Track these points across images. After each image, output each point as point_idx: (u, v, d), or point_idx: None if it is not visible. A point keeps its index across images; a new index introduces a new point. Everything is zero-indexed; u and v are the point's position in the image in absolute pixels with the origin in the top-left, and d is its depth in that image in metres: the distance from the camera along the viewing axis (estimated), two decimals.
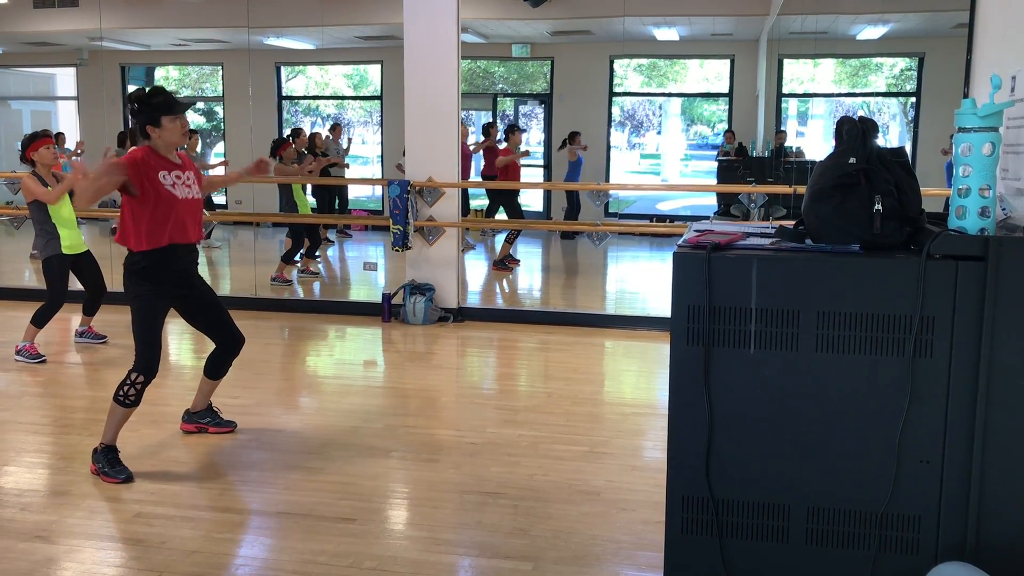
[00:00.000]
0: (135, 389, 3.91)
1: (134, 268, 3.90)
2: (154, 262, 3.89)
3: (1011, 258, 2.19)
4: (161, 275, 3.93)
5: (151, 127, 3.86)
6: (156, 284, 3.92)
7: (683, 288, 2.33)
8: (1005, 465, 2.23)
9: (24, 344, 5.97)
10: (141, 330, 3.92)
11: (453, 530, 3.46)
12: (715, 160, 13.07)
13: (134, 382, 3.91)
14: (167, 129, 3.87)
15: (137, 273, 3.90)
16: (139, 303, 3.92)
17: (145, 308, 3.92)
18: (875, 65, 12.87)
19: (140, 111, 3.87)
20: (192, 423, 4.48)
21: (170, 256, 3.93)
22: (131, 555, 3.20)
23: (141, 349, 3.91)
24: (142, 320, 3.91)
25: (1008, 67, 2.56)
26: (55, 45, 13.14)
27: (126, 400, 3.91)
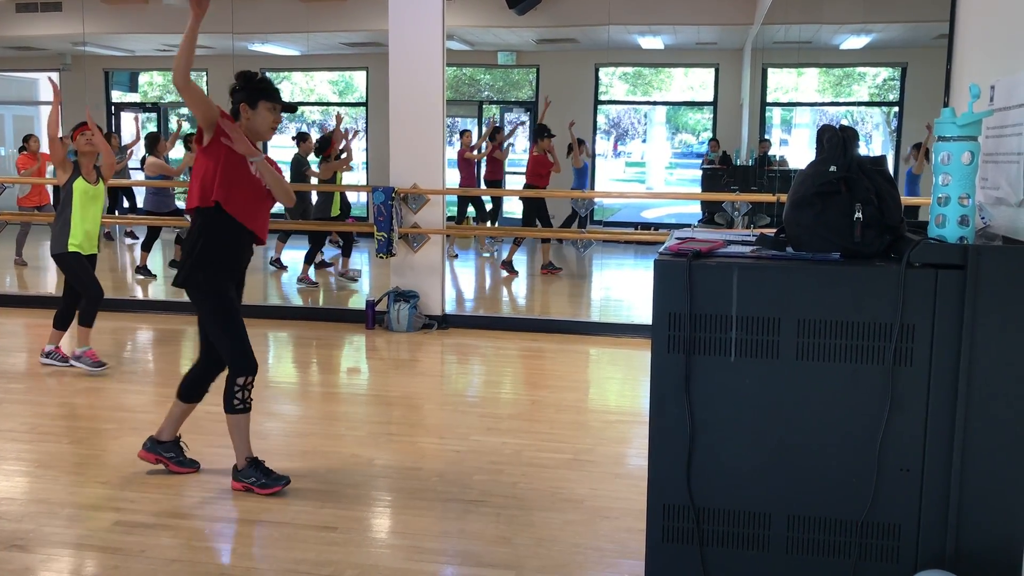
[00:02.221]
0: (246, 392, 3.74)
1: (199, 255, 3.65)
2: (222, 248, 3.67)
3: (990, 267, 2.20)
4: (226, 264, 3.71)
5: (246, 106, 3.69)
6: (217, 274, 3.68)
7: (664, 296, 2.33)
8: (984, 474, 2.24)
9: (83, 350, 5.73)
10: (224, 329, 3.70)
11: (436, 538, 3.45)
12: (700, 168, 13.12)
13: (243, 386, 3.71)
14: (261, 115, 3.68)
15: (206, 263, 3.66)
16: (217, 298, 3.68)
17: (223, 304, 3.68)
18: (858, 75, 12.96)
19: (241, 88, 3.72)
20: (153, 454, 4.02)
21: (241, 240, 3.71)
22: (110, 564, 3.16)
23: (233, 349, 3.70)
24: (221, 318, 3.70)
25: (987, 77, 2.57)
26: (38, 49, 13.07)
27: (243, 406, 3.75)
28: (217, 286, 3.69)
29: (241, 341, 3.71)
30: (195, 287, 3.69)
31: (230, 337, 3.70)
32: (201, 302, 3.72)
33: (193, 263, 3.68)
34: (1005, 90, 2.43)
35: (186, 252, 3.74)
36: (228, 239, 3.70)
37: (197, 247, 3.67)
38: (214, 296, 3.69)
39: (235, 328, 3.71)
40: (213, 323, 3.72)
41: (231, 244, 3.72)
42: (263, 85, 3.75)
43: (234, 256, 3.76)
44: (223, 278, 3.71)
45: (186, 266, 3.70)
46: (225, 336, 3.71)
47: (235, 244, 3.73)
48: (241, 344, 3.70)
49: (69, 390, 5.44)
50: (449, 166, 7.91)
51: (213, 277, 3.68)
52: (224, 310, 3.70)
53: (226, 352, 3.72)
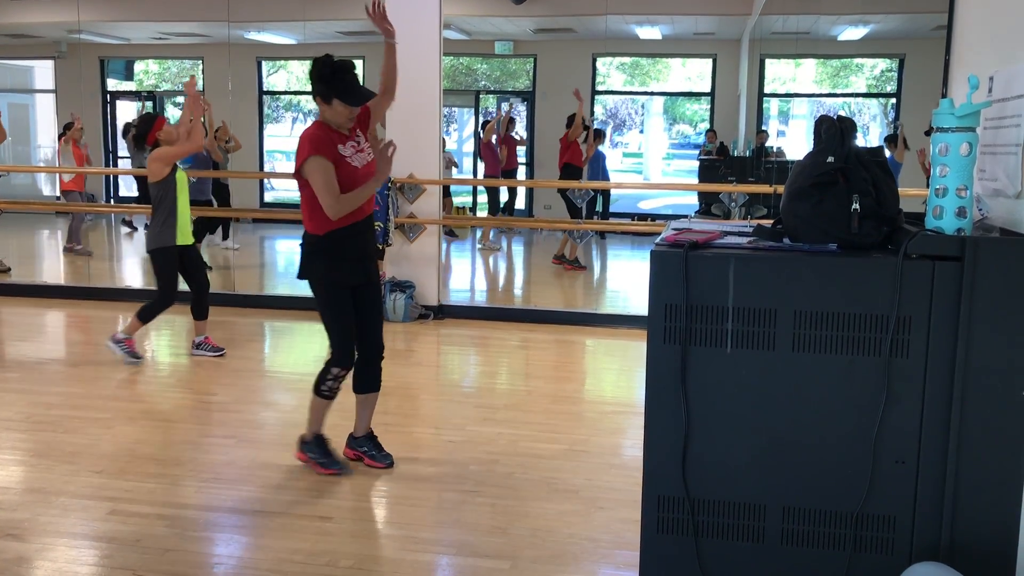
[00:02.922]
0: (337, 383, 3.83)
1: (313, 249, 3.72)
2: (335, 242, 3.71)
3: (987, 258, 2.19)
4: (341, 257, 3.74)
5: (321, 100, 3.66)
6: (337, 267, 3.73)
7: (660, 287, 2.32)
8: (980, 466, 2.24)
9: (123, 336, 5.71)
10: (331, 319, 3.78)
11: (431, 528, 3.45)
12: (697, 159, 13.11)
13: (336, 376, 3.81)
14: (336, 111, 3.65)
15: (316, 255, 3.72)
16: (324, 290, 3.76)
17: (330, 295, 3.76)
18: (856, 66, 12.95)
19: (322, 79, 3.65)
20: (352, 449, 4.09)
21: (351, 234, 3.74)
22: (105, 553, 3.16)
23: (336, 341, 3.79)
24: (329, 308, 3.78)
25: (986, 68, 2.56)
26: (33, 37, 13.00)
27: (329, 395, 3.85)
28: (333, 278, 3.75)
29: (348, 335, 3.79)
30: (313, 279, 3.77)
31: (339, 330, 3.79)
32: (316, 292, 3.81)
33: (311, 256, 3.74)
34: (1003, 81, 2.42)
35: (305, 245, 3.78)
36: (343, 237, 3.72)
37: (315, 243, 3.73)
38: (329, 288, 3.76)
39: (345, 322, 3.79)
40: (322, 313, 3.81)
41: (348, 237, 3.74)
42: (346, 82, 3.67)
43: (356, 245, 3.78)
44: (344, 270, 3.76)
45: (305, 257, 3.77)
46: (335, 328, 3.79)
47: (352, 236, 3.75)
48: (347, 338, 3.79)
49: (64, 379, 5.43)
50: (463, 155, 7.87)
51: (331, 269, 3.74)
52: (336, 303, 3.78)
53: (333, 343, 3.81)
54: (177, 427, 4.51)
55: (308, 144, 3.60)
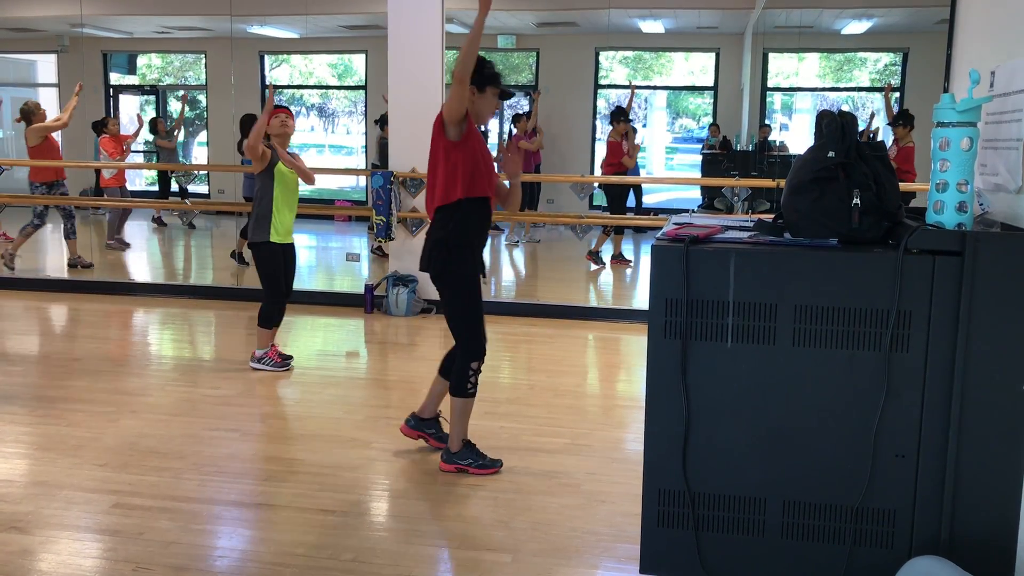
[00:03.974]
0: (477, 377, 3.84)
1: (450, 245, 3.74)
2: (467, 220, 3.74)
3: (988, 253, 2.20)
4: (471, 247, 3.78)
5: (475, 89, 3.74)
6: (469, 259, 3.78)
7: (661, 281, 2.33)
8: (979, 460, 2.24)
9: (262, 351, 5.52)
10: (467, 312, 3.79)
11: (433, 522, 3.46)
12: (700, 153, 13.08)
13: (476, 371, 3.82)
14: (486, 99, 3.77)
15: (453, 250, 3.74)
16: (465, 284, 3.78)
17: (467, 289, 3.79)
18: (859, 60, 12.90)
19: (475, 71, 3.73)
20: (418, 430, 4.15)
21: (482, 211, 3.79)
22: (108, 546, 3.17)
23: (471, 334, 3.79)
24: (467, 302, 3.79)
25: (988, 63, 2.56)
26: (36, 31, 13.00)
27: (473, 391, 3.86)
28: (466, 271, 3.78)
29: (478, 327, 3.80)
30: (446, 275, 3.79)
31: (468, 323, 3.80)
32: (447, 288, 3.82)
33: (446, 253, 3.75)
34: (1005, 76, 2.42)
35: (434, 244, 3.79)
36: (473, 222, 3.78)
37: (448, 239, 3.75)
38: (462, 282, 3.79)
39: (475, 314, 3.81)
40: (455, 308, 3.82)
41: (476, 224, 3.80)
42: (493, 72, 3.81)
43: (481, 235, 3.85)
44: (472, 263, 3.81)
45: (438, 257, 3.78)
46: (464, 321, 3.81)
47: (480, 223, 3.81)
48: (478, 330, 3.80)
49: (68, 373, 5.44)
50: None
51: (463, 264, 3.77)
52: (468, 297, 3.80)
53: (462, 337, 3.82)
54: (180, 420, 4.52)
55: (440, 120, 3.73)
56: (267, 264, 5.45)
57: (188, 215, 10.61)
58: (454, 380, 3.85)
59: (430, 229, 3.87)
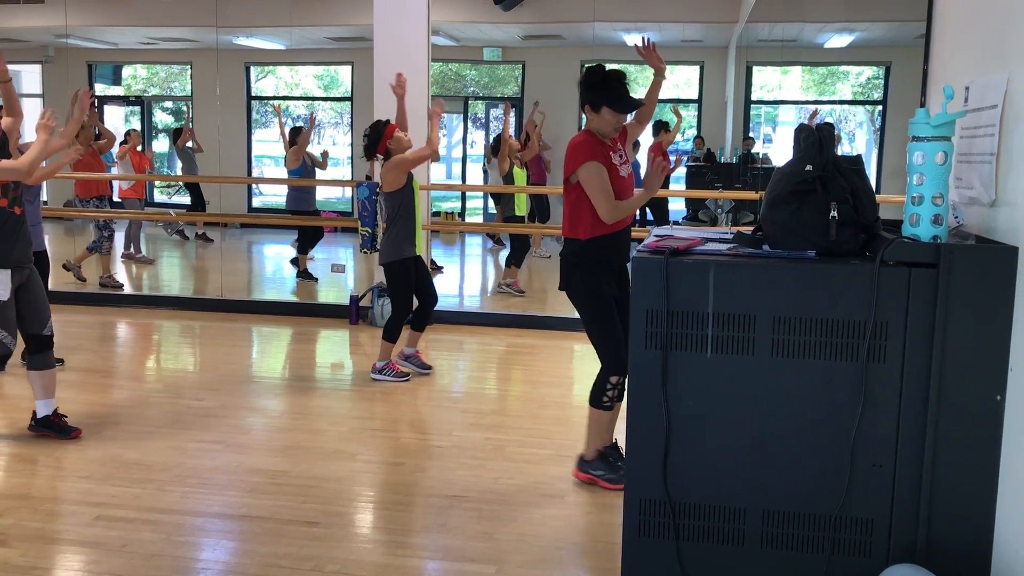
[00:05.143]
0: (617, 391, 3.78)
1: (581, 260, 3.73)
2: (599, 249, 3.72)
3: (962, 265, 2.23)
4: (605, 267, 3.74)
5: (589, 108, 3.69)
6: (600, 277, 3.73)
7: (642, 293, 2.36)
8: (955, 469, 2.27)
9: (383, 363, 5.56)
10: (602, 329, 3.75)
11: (417, 533, 3.47)
12: (684, 165, 13.16)
13: (616, 385, 3.76)
14: (604, 119, 3.67)
15: (581, 266, 3.73)
16: (593, 301, 3.74)
17: (599, 306, 3.74)
18: (842, 73, 13.03)
19: (593, 87, 3.69)
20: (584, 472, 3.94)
21: (615, 242, 3.75)
22: (90, 559, 3.16)
23: (609, 350, 3.75)
24: (599, 319, 3.74)
25: (963, 78, 2.61)
26: (20, 42, 12.95)
27: (610, 404, 3.81)
28: (598, 289, 3.74)
29: (617, 343, 3.76)
30: (579, 291, 3.77)
31: (607, 339, 3.75)
32: (583, 307, 3.79)
33: (576, 267, 3.75)
34: (979, 91, 2.47)
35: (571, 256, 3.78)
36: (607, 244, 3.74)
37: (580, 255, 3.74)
38: (596, 300, 3.75)
39: (612, 331, 3.76)
40: (592, 325, 3.78)
41: (611, 245, 3.76)
42: (614, 89, 3.69)
43: (618, 253, 3.80)
44: (606, 279, 3.76)
45: (569, 272, 3.77)
46: (603, 337, 3.77)
47: (615, 243, 3.77)
48: (617, 346, 3.76)
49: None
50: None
51: (594, 281, 3.74)
52: (603, 315, 3.76)
53: (603, 352, 3.79)
54: (163, 432, 4.51)
55: (583, 149, 3.63)
56: (403, 280, 5.46)
57: (172, 226, 10.61)
58: (593, 392, 3.83)
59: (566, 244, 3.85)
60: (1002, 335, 2.23)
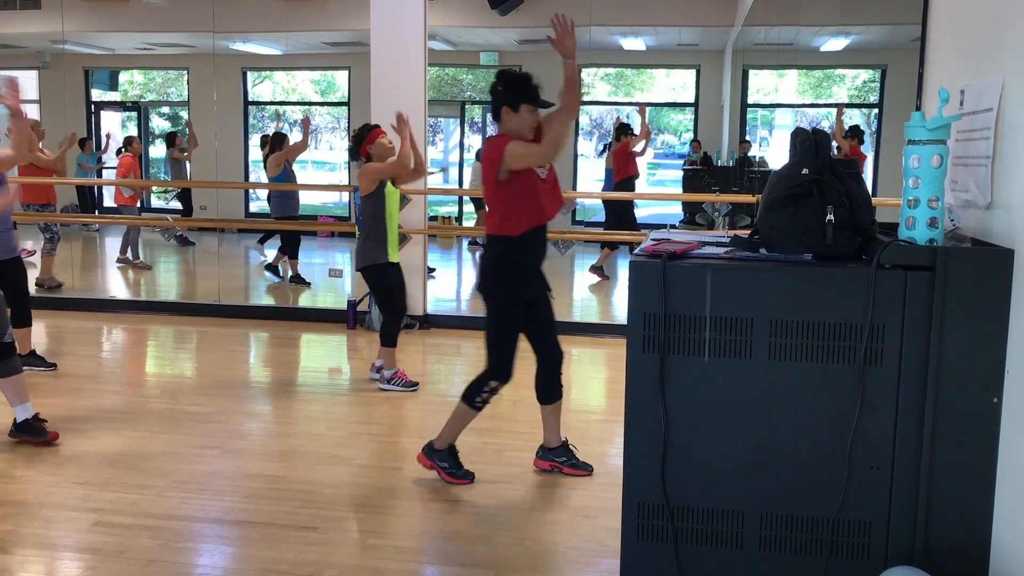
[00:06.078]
0: (492, 396, 3.85)
1: (505, 262, 3.80)
2: (523, 247, 3.78)
3: (958, 268, 2.24)
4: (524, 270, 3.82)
5: (507, 109, 3.75)
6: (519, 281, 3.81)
7: (639, 296, 2.36)
8: (952, 471, 2.28)
9: (391, 372, 5.50)
10: (498, 334, 3.81)
11: (416, 538, 3.46)
12: (681, 169, 13.18)
13: (493, 389, 3.83)
14: (523, 117, 3.75)
15: (503, 269, 3.80)
16: (506, 306, 3.81)
17: (506, 310, 3.81)
18: (838, 76, 13.06)
19: (505, 91, 3.77)
20: (546, 461, 4.10)
21: (535, 240, 3.81)
22: (88, 565, 3.16)
23: (498, 354, 3.80)
24: (499, 322, 3.81)
25: (958, 81, 2.62)
26: (17, 47, 12.95)
27: (481, 406, 3.87)
28: (513, 294, 3.81)
29: (511, 353, 3.82)
30: (495, 294, 3.83)
31: (504, 345, 3.81)
32: (494, 309, 3.84)
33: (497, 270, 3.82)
34: (974, 94, 2.48)
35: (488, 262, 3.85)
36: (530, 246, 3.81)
37: (499, 259, 3.80)
38: (508, 304, 3.81)
39: (511, 339, 3.83)
40: (494, 327, 3.83)
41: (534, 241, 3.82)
42: (529, 87, 3.79)
43: (538, 253, 3.88)
44: (525, 282, 3.83)
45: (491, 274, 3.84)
46: (500, 343, 3.82)
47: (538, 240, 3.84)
48: (510, 355, 3.82)
49: (48, 391, 5.41)
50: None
51: (514, 283, 3.81)
52: (510, 321, 3.82)
53: (494, 356, 3.83)
54: (161, 438, 4.51)
55: (499, 142, 3.71)
56: (382, 283, 5.48)
57: (171, 231, 10.60)
58: (470, 388, 3.87)
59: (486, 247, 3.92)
60: (998, 337, 2.23)
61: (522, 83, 3.80)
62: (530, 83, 3.80)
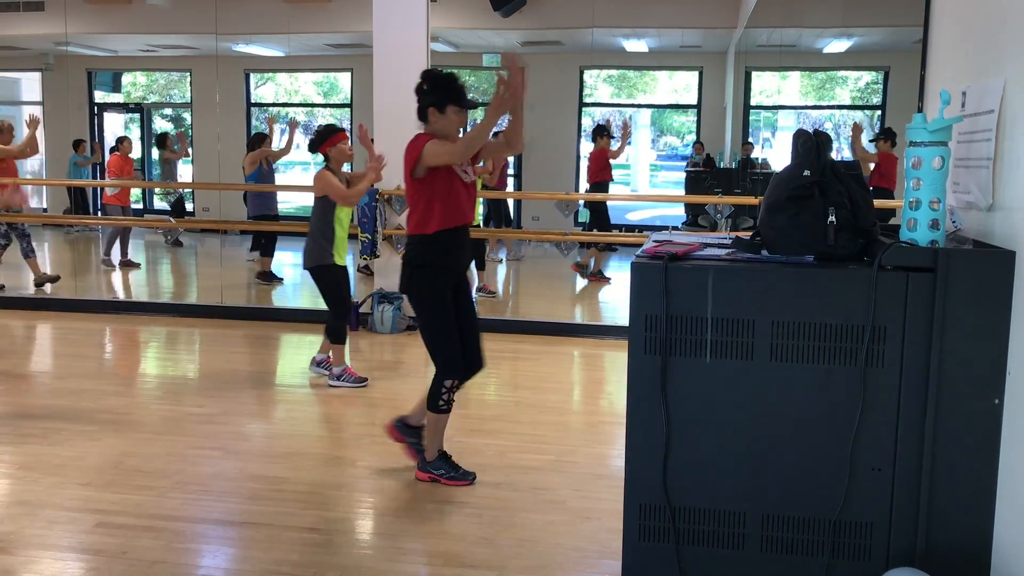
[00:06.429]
0: (452, 395, 3.86)
1: (424, 262, 3.79)
2: (441, 247, 3.78)
3: (960, 270, 2.24)
4: (442, 268, 3.81)
5: (434, 110, 3.75)
6: (439, 277, 3.80)
7: (641, 298, 2.36)
8: (954, 473, 2.28)
9: (340, 369, 5.60)
10: (436, 331, 3.80)
11: (418, 539, 3.47)
12: (684, 171, 13.18)
13: (450, 388, 3.83)
14: (449, 118, 3.75)
15: (421, 269, 3.80)
16: (432, 304, 3.80)
17: (438, 308, 3.79)
18: (841, 78, 13.05)
19: (431, 91, 3.76)
20: (401, 434, 4.09)
21: (452, 240, 3.80)
22: (91, 566, 3.16)
23: (442, 352, 3.80)
24: (434, 319, 3.80)
25: (960, 83, 2.62)
26: (20, 49, 12.99)
27: (447, 407, 3.87)
28: (439, 291, 3.80)
29: (453, 346, 3.80)
30: (417, 292, 3.82)
31: (444, 341, 3.80)
32: (421, 309, 3.84)
33: (417, 269, 3.81)
34: (976, 96, 2.48)
35: (407, 260, 3.85)
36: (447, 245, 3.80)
37: (419, 258, 3.80)
38: (435, 302, 3.80)
39: (449, 334, 3.80)
40: (429, 327, 3.82)
41: (453, 241, 3.81)
42: (455, 87, 3.77)
43: (457, 256, 3.88)
44: (446, 281, 3.83)
45: (411, 274, 3.83)
46: (439, 340, 3.81)
47: (457, 240, 3.83)
48: (453, 349, 3.80)
49: (51, 392, 5.42)
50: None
51: (435, 282, 3.80)
52: (441, 317, 3.80)
53: (438, 356, 3.82)
54: (163, 439, 4.51)
55: (420, 140, 3.71)
56: (328, 282, 5.54)
57: (172, 233, 10.63)
58: (430, 396, 3.88)
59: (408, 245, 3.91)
60: (1000, 339, 2.24)
61: (448, 83, 3.78)
62: (455, 83, 3.78)
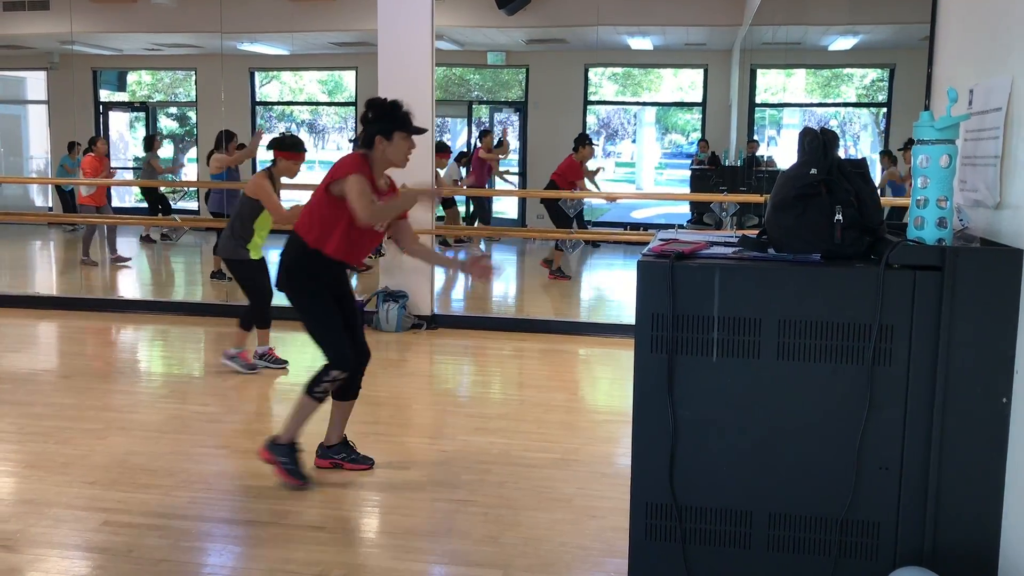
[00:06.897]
0: (333, 387, 3.87)
1: (300, 264, 3.82)
2: (319, 266, 3.80)
3: (967, 268, 2.23)
4: (320, 271, 3.83)
5: (381, 138, 3.73)
6: (316, 278, 3.83)
7: (647, 296, 2.36)
8: (961, 472, 2.27)
9: (263, 349, 5.85)
10: (323, 324, 3.83)
11: (423, 538, 3.47)
12: (689, 169, 13.16)
13: (334, 379, 3.85)
14: (396, 145, 3.74)
15: (298, 269, 3.83)
16: (310, 299, 3.83)
17: (318, 302, 3.83)
18: (846, 76, 13.03)
19: (377, 118, 3.75)
20: (327, 459, 4.13)
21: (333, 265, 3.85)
22: (97, 564, 3.17)
23: (329, 345, 3.83)
24: (318, 315, 3.83)
25: (967, 80, 2.61)
26: (26, 48, 13.01)
27: (322, 397, 3.88)
28: (316, 286, 3.83)
29: (339, 337, 3.84)
30: (295, 289, 3.85)
31: (328, 333, 3.84)
32: (301, 305, 3.86)
33: (292, 268, 3.84)
34: (983, 94, 2.47)
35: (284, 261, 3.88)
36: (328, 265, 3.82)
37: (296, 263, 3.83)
38: (313, 297, 3.83)
39: (334, 325, 3.85)
40: (313, 323, 3.85)
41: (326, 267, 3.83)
42: (401, 114, 3.77)
43: (334, 274, 3.91)
44: (323, 280, 3.86)
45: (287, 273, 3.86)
46: (324, 332, 3.84)
47: (330, 266, 3.84)
48: (340, 340, 3.84)
49: (56, 390, 5.44)
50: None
51: (311, 282, 3.83)
52: (322, 310, 3.83)
53: (327, 349, 3.84)
54: (169, 438, 4.52)
55: (353, 165, 3.68)
56: (246, 275, 5.69)
57: (178, 232, 10.64)
58: (311, 380, 3.87)
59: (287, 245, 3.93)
60: (1007, 337, 2.23)
61: (394, 111, 3.77)
62: (401, 111, 3.77)
